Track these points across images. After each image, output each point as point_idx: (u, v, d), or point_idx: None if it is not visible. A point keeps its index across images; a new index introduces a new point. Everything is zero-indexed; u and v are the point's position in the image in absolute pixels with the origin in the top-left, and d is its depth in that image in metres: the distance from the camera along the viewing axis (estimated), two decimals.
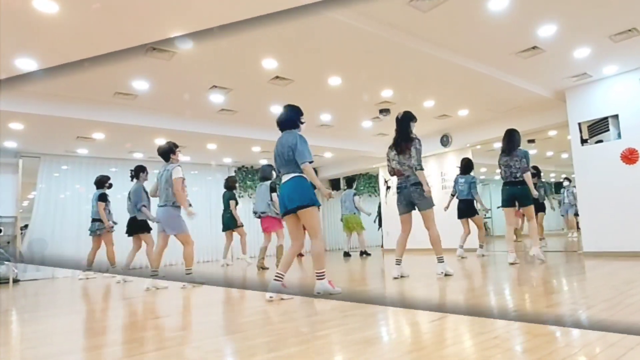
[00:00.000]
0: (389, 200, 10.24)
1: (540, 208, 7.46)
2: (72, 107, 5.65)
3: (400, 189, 4.36)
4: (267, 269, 6.70)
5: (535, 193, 5.26)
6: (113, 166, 8.94)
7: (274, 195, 6.56)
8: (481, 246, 6.79)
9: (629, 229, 5.68)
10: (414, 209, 4.40)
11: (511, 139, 5.41)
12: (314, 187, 3.49)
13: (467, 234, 6.76)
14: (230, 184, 7.81)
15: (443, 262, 4.40)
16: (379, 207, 11.02)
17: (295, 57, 4.73)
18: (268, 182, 6.66)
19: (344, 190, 9.03)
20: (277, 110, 6.54)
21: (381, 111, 6.79)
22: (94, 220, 6.91)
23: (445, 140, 8.58)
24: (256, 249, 10.76)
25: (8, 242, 7.58)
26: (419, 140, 4.31)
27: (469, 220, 6.76)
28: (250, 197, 10.82)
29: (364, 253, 8.55)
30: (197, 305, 3.46)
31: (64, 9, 3.49)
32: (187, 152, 8.82)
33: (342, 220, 8.74)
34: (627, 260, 5.13)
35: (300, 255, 9.47)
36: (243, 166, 10.88)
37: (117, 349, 2.12)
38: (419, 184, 4.25)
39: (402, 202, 4.36)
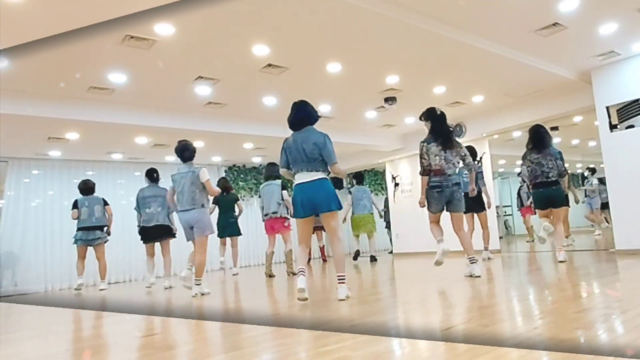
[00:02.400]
0: (398, 198, 10.25)
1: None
2: (41, 105, 5.65)
3: (440, 187, 4.57)
4: (274, 276, 6.73)
5: (577, 198, 5.59)
6: (90, 169, 8.94)
7: (285, 193, 6.64)
8: (486, 248, 6.68)
9: None
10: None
11: (543, 136, 5.59)
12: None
13: (472, 230, 6.67)
14: (227, 186, 7.85)
15: (476, 262, 4.64)
16: (385, 202, 11.01)
17: (289, 41, 4.73)
18: (278, 181, 6.75)
19: (350, 187, 9.02)
20: (270, 101, 6.54)
21: (386, 100, 6.79)
22: (92, 228, 6.77)
23: (458, 130, 8.58)
24: (248, 257, 10.81)
25: None
26: None
27: (474, 216, 6.69)
28: (243, 200, 10.83)
29: (374, 258, 8.57)
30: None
31: None
32: (171, 151, 8.79)
33: (353, 220, 8.59)
34: None
35: (325, 259, 9.51)
36: (234, 165, 10.89)
37: None
38: (459, 184, 4.64)
39: (441, 202, 4.63)
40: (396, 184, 10.33)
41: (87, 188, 6.91)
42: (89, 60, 4.79)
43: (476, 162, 6.85)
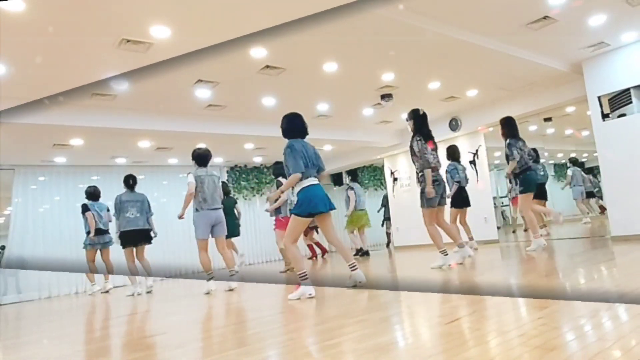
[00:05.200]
0: (397, 193, 10.25)
1: (542, 195, 7.37)
2: (46, 113, 5.65)
3: (439, 182, 4.83)
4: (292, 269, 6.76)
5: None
6: (94, 174, 8.94)
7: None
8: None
9: None
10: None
11: (515, 124, 5.62)
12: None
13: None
14: (227, 190, 7.89)
15: (464, 246, 4.99)
16: (384, 199, 11.00)
17: (286, 43, 4.72)
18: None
19: (348, 184, 9.00)
20: (269, 102, 6.53)
21: (383, 97, 6.78)
22: (103, 231, 6.91)
23: (454, 124, 8.58)
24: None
25: None
26: None
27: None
28: (246, 199, 10.84)
29: (365, 253, 8.58)
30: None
31: (30, 6, 3.49)
32: (174, 154, 8.83)
33: (355, 215, 8.52)
34: None
35: (325, 251, 9.46)
36: (236, 165, 10.89)
37: None
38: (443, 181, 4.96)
39: (439, 195, 4.82)
40: (395, 179, 10.33)
41: (95, 193, 7.02)
42: (90, 66, 4.78)
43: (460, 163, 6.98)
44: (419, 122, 4.87)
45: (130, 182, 6.29)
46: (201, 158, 5.24)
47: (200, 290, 5.24)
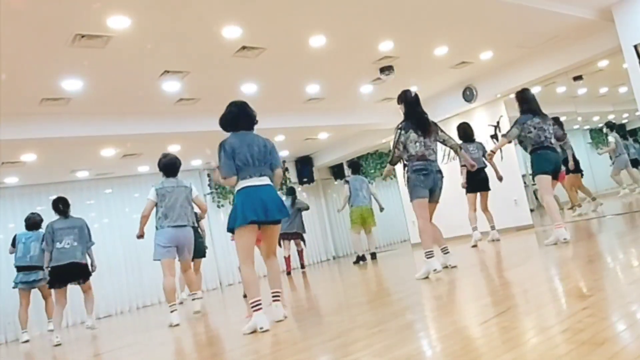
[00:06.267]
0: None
1: (576, 169, 7.47)
2: None
3: (426, 170, 4.71)
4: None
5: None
6: (53, 193, 8.92)
7: None
8: (493, 227, 6.97)
9: None
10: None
11: (534, 98, 5.55)
12: None
13: (475, 211, 6.92)
14: None
15: (449, 252, 4.93)
16: None
17: (263, 18, 4.74)
18: None
19: (348, 177, 9.03)
20: (250, 89, 6.56)
21: (382, 70, 6.81)
22: (34, 268, 6.67)
23: (468, 94, 8.60)
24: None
25: None
26: None
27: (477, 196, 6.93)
28: (232, 205, 10.84)
29: (374, 256, 8.65)
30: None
31: None
32: (144, 161, 8.84)
33: (352, 212, 8.63)
34: None
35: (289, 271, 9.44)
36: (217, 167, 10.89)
37: None
38: (441, 173, 4.83)
39: (427, 185, 4.74)
40: (404, 165, 10.35)
41: (33, 223, 6.83)
42: (37, 68, 4.80)
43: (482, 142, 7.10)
44: (409, 107, 4.88)
45: (60, 207, 5.97)
46: (168, 167, 5.25)
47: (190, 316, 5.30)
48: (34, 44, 4.31)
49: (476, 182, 6.78)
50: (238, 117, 3.74)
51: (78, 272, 5.92)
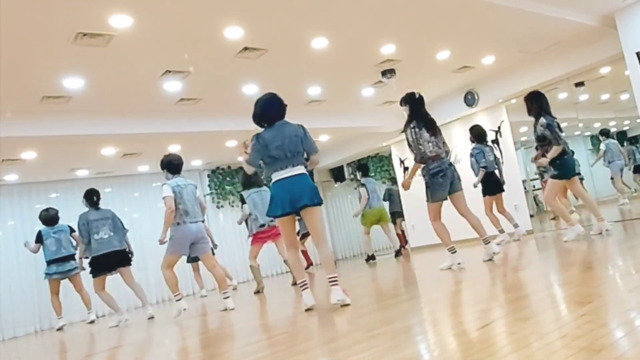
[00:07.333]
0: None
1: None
2: None
3: (443, 172, 4.90)
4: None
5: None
6: (52, 191, 8.97)
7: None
8: (516, 225, 7.09)
9: None
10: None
11: (546, 98, 5.71)
12: None
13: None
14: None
15: (489, 242, 5.01)
16: (388, 193, 10.89)
17: (266, 19, 4.75)
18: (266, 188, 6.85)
19: (358, 179, 9.07)
20: (251, 90, 6.56)
21: (384, 73, 6.81)
22: (65, 259, 6.89)
23: (470, 99, 8.61)
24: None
25: None
26: None
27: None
28: (232, 206, 10.85)
29: (399, 252, 8.84)
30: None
31: None
32: (144, 160, 8.85)
33: (369, 213, 8.66)
34: None
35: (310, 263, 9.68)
36: (218, 168, 10.92)
37: None
38: (452, 164, 5.04)
39: (446, 187, 4.94)
40: (406, 168, 10.37)
41: (50, 218, 6.99)
42: (39, 66, 4.81)
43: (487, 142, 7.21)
44: (415, 108, 5.00)
45: (94, 198, 6.20)
46: (173, 165, 5.31)
47: (190, 314, 5.29)
48: (35, 42, 4.32)
49: (492, 184, 6.92)
50: (265, 114, 4.03)
51: (119, 259, 6.18)
